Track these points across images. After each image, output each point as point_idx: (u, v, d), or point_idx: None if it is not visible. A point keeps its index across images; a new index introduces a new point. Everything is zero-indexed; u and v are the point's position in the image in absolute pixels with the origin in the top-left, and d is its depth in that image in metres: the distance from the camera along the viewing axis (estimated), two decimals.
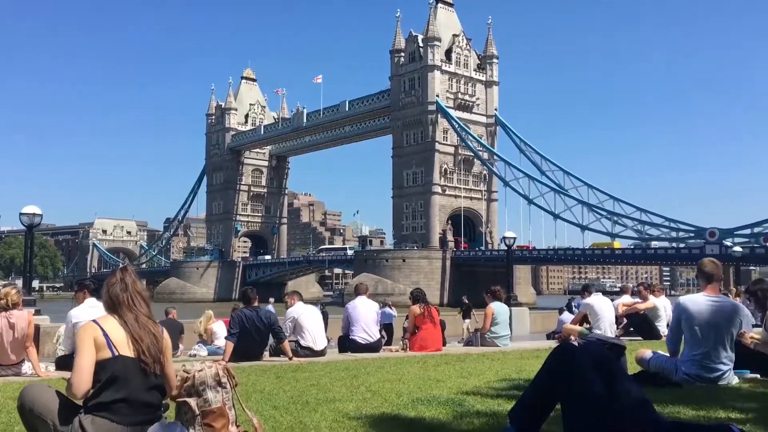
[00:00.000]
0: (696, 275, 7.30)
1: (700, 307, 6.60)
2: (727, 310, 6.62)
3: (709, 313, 6.54)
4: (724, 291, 23.75)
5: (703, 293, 6.79)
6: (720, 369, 6.55)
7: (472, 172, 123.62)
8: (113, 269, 4.72)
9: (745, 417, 4.98)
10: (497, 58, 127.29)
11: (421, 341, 11.71)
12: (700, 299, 6.70)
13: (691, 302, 6.74)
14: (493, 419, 4.90)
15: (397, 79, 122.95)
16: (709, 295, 6.73)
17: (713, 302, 6.63)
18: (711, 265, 6.88)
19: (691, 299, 6.83)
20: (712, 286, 6.81)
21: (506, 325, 13.52)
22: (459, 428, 4.68)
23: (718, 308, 6.59)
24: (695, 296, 6.89)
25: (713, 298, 6.68)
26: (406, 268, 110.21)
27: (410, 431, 4.66)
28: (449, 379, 7.48)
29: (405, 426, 4.84)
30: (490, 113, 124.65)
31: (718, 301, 6.67)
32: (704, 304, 6.61)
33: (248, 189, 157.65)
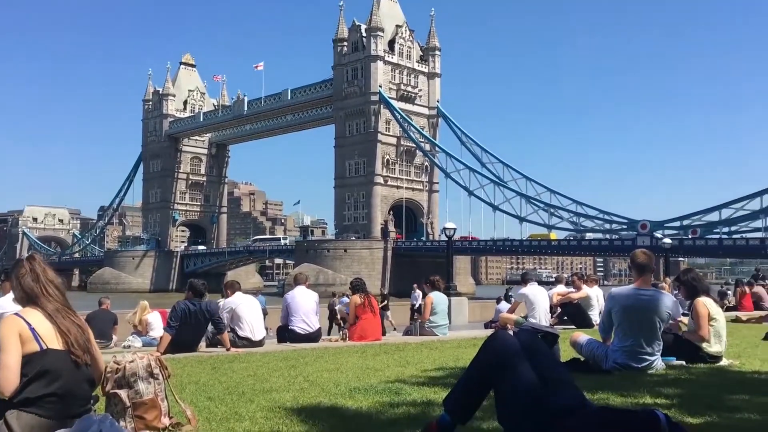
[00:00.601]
0: (628, 266, 7.53)
1: (630, 299, 6.81)
2: (655, 301, 6.84)
3: (639, 304, 6.75)
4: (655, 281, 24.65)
5: (634, 285, 6.99)
6: (648, 359, 6.77)
7: (414, 164, 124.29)
8: (18, 260, 4.51)
9: (670, 402, 5.17)
10: (439, 50, 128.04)
11: (361, 331, 11.73)
12: (630, 291, 6.91)
13: (621, 294, 6.94)
14: (428, 407, 4.95)
15: (340, 69, 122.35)
16: (639, 287, 6.93)
17: (643, 294, 6.84)
18: (643, 256, 7.05)
19: (622, 291, 7.04)
20: (644, 278, 6.99)
21: (445, 314, 13.68)
22: (395, 416, 4.71)
23: (647, 300, 6.80)
24: (625, 288, 7.11)
25: (643, 290, 6.89)
26: (348, 258, 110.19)
27: (347, 420, 4.67)
28: (387, 369, 7.51)
29: (341, 415, 4.84)
30: (432, 105, 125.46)
31: (648, 293, 6.88)
32: (634, 296, 6.82)
33: (187, 177, 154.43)
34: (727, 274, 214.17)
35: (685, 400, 5.24)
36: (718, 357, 7.62)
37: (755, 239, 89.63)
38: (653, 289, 7.15)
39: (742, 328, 13.63)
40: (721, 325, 7.77)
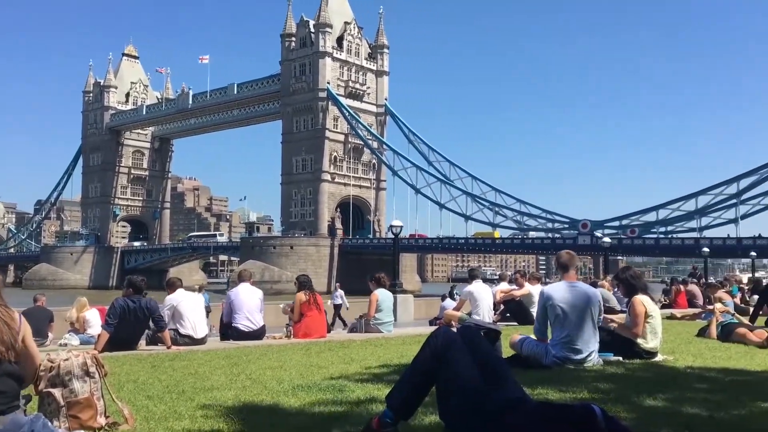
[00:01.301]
0: (555, 265, 7.80)
1: (562, 294, 7.05)
2: (585, 294, 7.11)
3: (570, 298, 7.00)
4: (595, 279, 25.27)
5: (564, 281, 7.26)
6: (585, 351, 6.96)
7: (362, 161, 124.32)
8: None
9: (607, 397, 5.31)
10: (388, 48, 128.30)
11: (306, 328, 11.66)
12: (561, 286, 7.17)
13: (553, 289, 7.19)
14: (371, 404, 4.96)
15: (288, 64, 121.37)
16: (568, 282, 7.22)
17: (572, 288, 7.12)
18: (566, 255, 7.44)
19: (553, 287, 7.29)
20: (569, 274, 7.32)
21: (390, 311, 13.72)
22: (338, 414, 4.70)
23: (577, 293, 7.07)
24: (557, 284, 7.36)
25: (572, 284, 7.18)
26: (294, 255, 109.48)
27: (289, 418, 4.63)
28: (331, 366, 7.49)
29: (284, 413, 4.80)
30: (380, 103, 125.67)
31: (577, 287, 7.17)
32: (565, 290, 7.07)
33: (128, 171, 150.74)
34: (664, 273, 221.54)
35: (621, 395, 5.38)
36: (653, 353, 7.86)
37: (690, 239, 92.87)
38: (582, 283, 7.48)
39: (676, 324, 14.09)
40: (657, 322, 8.01)
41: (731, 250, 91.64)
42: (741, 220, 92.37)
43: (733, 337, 10.04)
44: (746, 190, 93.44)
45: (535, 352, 7.09)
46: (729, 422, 4.43)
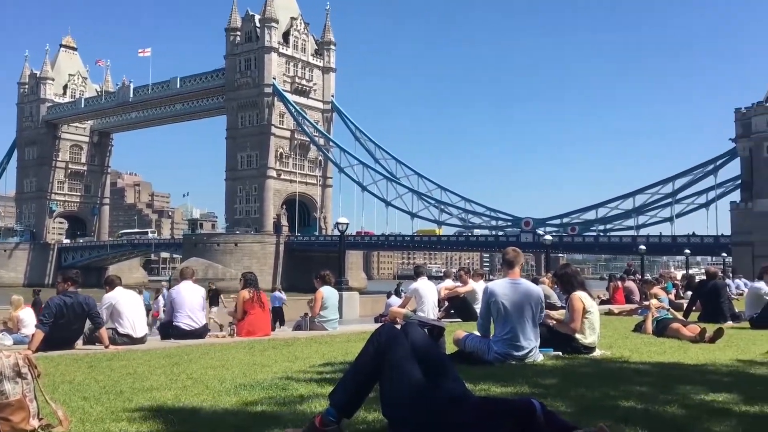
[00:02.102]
0: (500, 262, 7.91)
1: (505, 290, 7.14)
2: (528, 291, 7.22)
3: (513, 295, 7.09)
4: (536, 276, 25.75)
5: (507, 278, 7.36)
6: (526, 347, 7.08)
7: (308, 158, 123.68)
8: None
9: (546, 391, 5.41)
10: (335, 44, 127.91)
11: (249, 326, 11.52)
12: (505, 283, 7.26)
13: (496, 286, 7.27)
14: (315, 402, 4.93)
15: (233, 59, 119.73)
16: (512, 278, 7.31)
17: (516, 285, 7.21)
18: (513, 253, 7.53)
19: (497, 284, 7.37)
20: (514, 272, 7.41)
21: (335, 309, 13.68)
22: (280, 412, 4.66)
23: (520, 290, 7.17)
24: (500, 281, 7.44)
25: (515, 281, 7.27)
26: (239, 252, 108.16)
27: (230, 417, 4.56)
28: (275, 364, 7.43)
29: (225, 412, 4.73)
30: (326, 99, 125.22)
31: (520, 284, 7.27)
32: (508, 287, 7.17)
33: (66, 166, 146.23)
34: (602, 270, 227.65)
35: (560, 389, 5.50)
36: (591, 348, 8.06)
37: (628, 237, 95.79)
38: (525, 280, 7.57)
39: (614, 320, 14.48)
40: (595, 318, 8.21)
41: (666, 248, 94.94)
42: (676, 219, 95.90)
43: (667, 332, 10.38)
44: (681, 189, 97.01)
45: (478, 348, 7.18)
46: (664, 414, 4.58)
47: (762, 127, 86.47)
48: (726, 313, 13.72)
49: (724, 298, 14.22)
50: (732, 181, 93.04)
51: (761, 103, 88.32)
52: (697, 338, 9.61)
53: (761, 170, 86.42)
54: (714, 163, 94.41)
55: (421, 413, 3.64)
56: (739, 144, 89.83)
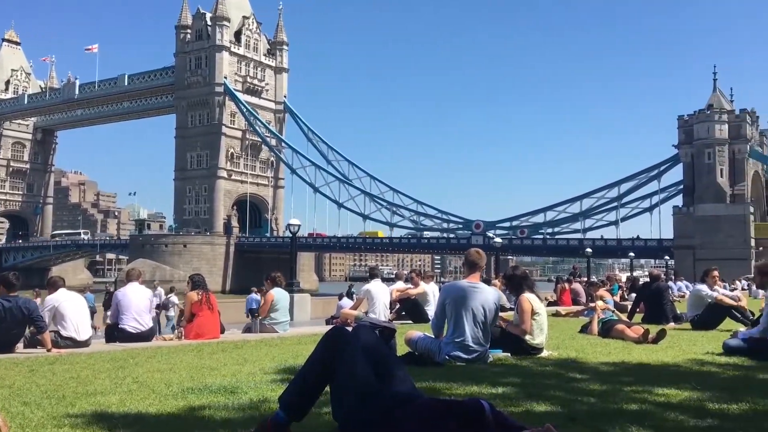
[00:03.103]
0: (462, 263, 7.91)
1: (462, 292, 7.16)
2: (484, 294, 7.24)
3: (470, 297, 7.11)
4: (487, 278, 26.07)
5: (466, 280, 7.38)
6: (477, 349, 7.14)
7: (260, 158, 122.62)
8: None
9: (496, 392, 5.48)
10: (287, 44, 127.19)
11: (198, 329, 11.33)
12: (462, 285, 7.28)
13: (453, 288, 7.30)
14: (265, 405, 4.88)
15: (183, 57, 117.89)
16: (470, 281, 7.31)
17: (473, 288, 7.22)
18: (476, 254, 7.52)
19: (454, 285, 7.40)
20: (475, 274, 7.41)
21: (286, 311, 13.59)
22: (229, 416, 4.60)
23: (477, 293, 7.18)
24: (457, 282, 7.46)
25: (473, 284, 7.27)
26: (188, 254, 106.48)
27: (177, 422, 4.48)
28: (224, 367, 7.32)
29: (172, 417, 4.64)
30: (279, 100, 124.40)
31: (478, 287, 7.27)
32: (465, 290, 7.18)
33: (7, 164, 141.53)
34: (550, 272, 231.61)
35: (508, 389, 5.58)
36: (540, 348, 8.19)
37: (575, 240, 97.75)
38: (483, 283, 7.59)
39: (561, 321, 14.76)
40: (543, 319, 8.36)
41: (612, 251, 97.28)
42: (621, 222, 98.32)
43: (612, 333, 10.62)
44: (626, 194, 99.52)
45: (429, 349, 7.22)
46: (609, 412, 4.68)
47: (703, 134, 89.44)
48: (668, 314, 14.12)
49: (666, 300, 14.64)
50: (675, 186, 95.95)
51: (703, 111, 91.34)
52: (641, 339, 9.86)
53: (702, 176, 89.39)
54: (658, 169, 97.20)
55: (371, 415, 3.64)
56: (681, 150, 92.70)
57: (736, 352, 8.18)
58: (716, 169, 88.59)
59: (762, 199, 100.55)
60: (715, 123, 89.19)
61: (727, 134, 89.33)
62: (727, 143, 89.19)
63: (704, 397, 5.30)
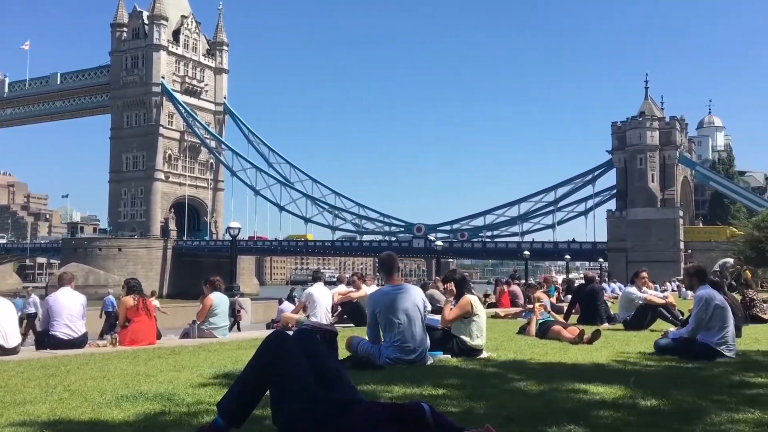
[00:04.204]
0: (377, 269, 7.99)
1: (388, 298, 7.22)
2: (411, 295, 7.32)
3: (398, 301, 7.17)
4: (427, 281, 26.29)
5: (388, 284, 7.42)
6: (416, 351, 7.19)
7: (199, 160, 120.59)
8: None
9: (436, 393, 5.53)
10: (227, 45, 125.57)
11: (133, 335, 11.02)
12: (387, 290, 7.33)
13: (379, 296, 7.34)
14: (203, 412, 4.79)
15: (119, 56, 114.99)
16: (393, 285, 7.37)
17: (398, 290, 7.28)
18: (389, 258, 7.61)
19: (380, 291, 7.45)
20: (393, 278, 7.48)
21: (225, 315, 13.35)
22: (165, 424, 4.49)
23: (403, 295, 7.24)
24: (382, 288, 7.50)
25: (397, 287, 7.33)
26: (123, 257, 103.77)
27: (111, 430, 4.35)
28: (161, 374, 7.15)
29: (106, 426, 4.50)
30: (219, 101, 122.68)
31: (402, 288, 7.33)
32: (391, 294, 7.24)
33: None
34: (490, 274, 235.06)
35: (448, 391, 5.64)
36: (479, 350, 8.31)
37: (513, 243, 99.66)
38: (405, 284, 7.65)
39: (500, 323, 15.00)
40: (483, 321, 8.48)
41: (549, 253, 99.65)
42: (557, 226, 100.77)
43: (549, 334, 10.86)
44: (562, 198, 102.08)
45: (370, 353, 7.23)
46: (547, 412, 4.78)
47: (635, 140, 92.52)
48: (602, 315, 14.54)
49: (600, 302, 15.07)
50: (608, 191, 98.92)
51: (635, 118, 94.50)
52: (576, 339, 10.11)
53: (634, 181, 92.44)
54: (592, 174, 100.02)
55: (311, 420, 3.61)
56: (614, 156, 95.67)
57: (666, 351, 8.48)
58: (647, 175, 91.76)
59: (690, 204, 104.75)
60: (646, 130, 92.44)
61: (657, 141, 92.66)
62: (658, 149, 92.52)
63: (637, 395, 5.47)
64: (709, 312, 8.27)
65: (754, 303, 15.08)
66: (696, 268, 9.19)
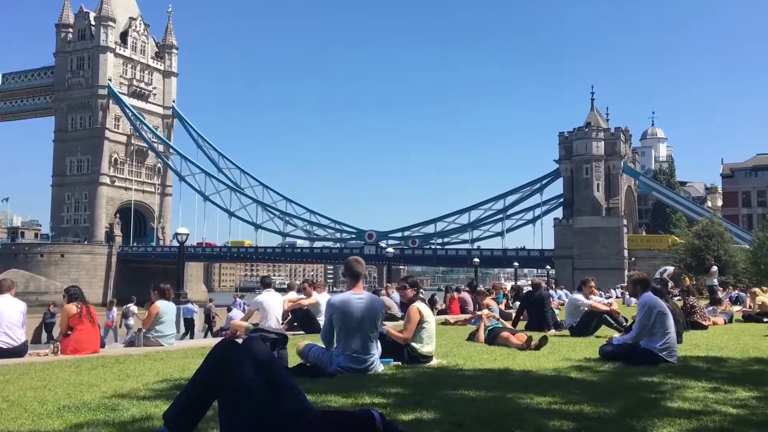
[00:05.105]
0: (343, 273, 7.88)
1: (348, 305, 7.15)
2: (370, 304, 7.28)
3: (357, 309, 7.11)
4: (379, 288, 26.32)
5: (351, 291, 7.37)
6: (367, 360, 7.17)
7: (146, 165, 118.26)
8: None
9: (386, 401, 5.53)
10: (177, 48, 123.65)
11: (76, 343, 10.71)
12: (347, 297, 7.27)
13: (338, 301, 7.28)
14: (148, 422, 4.69)
15: (64, 57, 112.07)
16: (355, 292, 7.32)
17: (359, 299, 7.23)
18: (357, 264, 7.52)
19: (338, 298, 7.37)
20: (358, 285, 7.41)
21: (172, 323, 13.11)
22: None
23: (363, 304, 7.19)
24: (343, 295, 7.45)
25: (359, 295, 7.27)
26: (65, 264, 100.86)
27: None
28: (104, 383, 6.97)
29: None
30: (167, 104, 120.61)
31: (363, 297, 7.29)
32: (351, 302, 7.18)
33: None
34: (440, 281, 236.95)
35: (399, 398, 5.65)
36: (429, 357, 8.35)
37: (463, 250, 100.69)
38: (368, 293, 7.64)
39: (450, 329, 15.11)
40: (432, 328, 8.53)
41: (498, 260, 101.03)
42: (507, 233, 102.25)
43: (498, 340, 10.99)
44: (511, 206, 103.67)
45: (321, 360, 7.18)
46: (495, 418, 4.84)
47: (582, 150, 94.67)
48: (549, 321, 14.80)
49: (547, 308, 15.35)
50: (556, 199, 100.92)
51: (581, 128, 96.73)
52: (524, 346, 10.26)
53: (581, 190, 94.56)
54: (540, 182, 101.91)
55: (260, 429, 3.58)
56: (562, 165, 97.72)
57: (611, 357, 8.67)
58: (593, 184, 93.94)
59: (634, 213, 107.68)
60: (592, 140, 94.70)
61: (603, 151, 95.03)
62: (603, 159, 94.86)
63: (582, 400, 5.59)
64: (651, 319, 8.50)
65: (694, 309, 15.56)
66: (639, 276, 9.44)
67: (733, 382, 6.80)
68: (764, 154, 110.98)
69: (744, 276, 59.47)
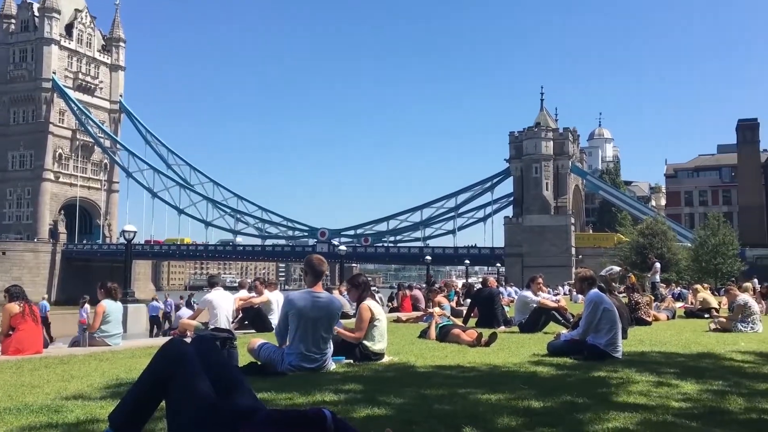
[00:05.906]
0: (304, 270, 7.80)
1: (305, 303, 7.08)
2: (326, 303, 7.23)
3: (313, 307, 7.06)
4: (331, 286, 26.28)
5: (309, 289, 7.31)
6: (319, 359, 7.13)
7: (92, 160, 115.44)
8: None
9: (338, 399, 5.52)
10: (124, 41, 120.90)
11: (17, 343, 10.39)
12: (305, 295, 7.21)
13: (297, 298, 7.21)
14: (93, 424, 4.57)
15: (5, 48, 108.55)
16: (313, 291, 7.26)
17: (316, 297, 7.18)
18: (319, 262, 7.43)
19: (297, 295, 7.32)
20: (318, 284, 7.33)
21: (119, 323, 12.86)
22: None
23: (320, 304, 7.14)
24: (300, 292, 7.39)
25: (317, 294, 7.21)
26: (7, 262, 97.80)
27: None
28: (47, 384, 6.78)
29: None
30: (114, 99, 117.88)
31: (321, 297, 7.24)
32: (309, 300, 7.12)
33: None
34: (392, 279, 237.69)
35: (350, 397, 5.64)
36: (381, 354, 8.37)
37: (416, 248, 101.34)
38: (326, 293, 7.59)
39: (402, 327, 15.16)
40: (384, 326, 8.55)
41: (449, 258, 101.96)
42: (458, 231, 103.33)
43: (449, 337, 11.09)
44: (462, 204, 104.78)
45: (272, 358, 7.12)
46: (446, 415, 4.88)
47: (531, 150, 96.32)
48: (499, 318, 15.01)
49: (497, 305, 15.56)
50: (506, 198, 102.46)
51: (531, 128, 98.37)
52: (475, 342, 10.37)
53: (530, 189, 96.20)
54: (491, 181, 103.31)
55: (208, 430, 3.52)
56: (512, 164, 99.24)
57: (558, 352, 8.85)
58: (542, 183, 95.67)
59: (581, 211, 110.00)
60: (541, 140, 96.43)
61: (552, 150, 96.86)
62: (552, 159, 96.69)
63: (531, 395, 5.68)
64: (597, 315, 8.70)
65: (639, 306, 15.98)
66: (586, 274, 9.65)
67: (676, 376, 7.00)
68: (706, 155, 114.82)
69: (686, 273, 61.45)
